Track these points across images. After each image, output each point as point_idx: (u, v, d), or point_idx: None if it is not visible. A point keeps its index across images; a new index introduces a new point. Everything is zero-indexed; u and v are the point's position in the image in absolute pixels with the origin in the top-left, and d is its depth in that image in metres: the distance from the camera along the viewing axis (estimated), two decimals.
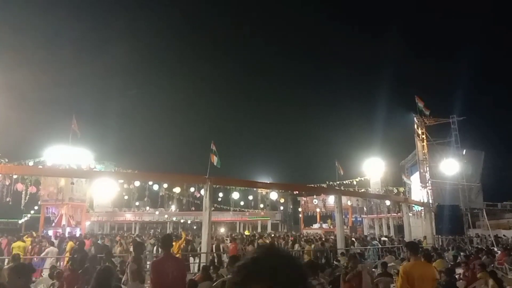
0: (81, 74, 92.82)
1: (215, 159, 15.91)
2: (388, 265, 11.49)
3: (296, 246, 19.82)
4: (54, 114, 66.44)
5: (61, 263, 14.56)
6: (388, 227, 40.98)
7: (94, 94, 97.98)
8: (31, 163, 25.71)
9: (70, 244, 16.04)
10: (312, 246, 19.13)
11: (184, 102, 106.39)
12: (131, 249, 12.96)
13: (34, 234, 23.14)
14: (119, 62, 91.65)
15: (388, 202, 38.31)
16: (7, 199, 22.00)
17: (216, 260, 15.05)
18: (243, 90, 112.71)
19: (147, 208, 52.71)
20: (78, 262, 8.67)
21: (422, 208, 29.55)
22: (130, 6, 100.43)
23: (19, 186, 22.16)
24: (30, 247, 16.60)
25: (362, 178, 41.08)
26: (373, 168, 42.66)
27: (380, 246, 21.54)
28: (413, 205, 30.53)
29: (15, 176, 19.48)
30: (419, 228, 30.01)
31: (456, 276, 10.17)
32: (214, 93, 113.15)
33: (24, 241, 16.95)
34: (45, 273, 11.79)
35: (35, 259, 15.15)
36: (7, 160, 18.93)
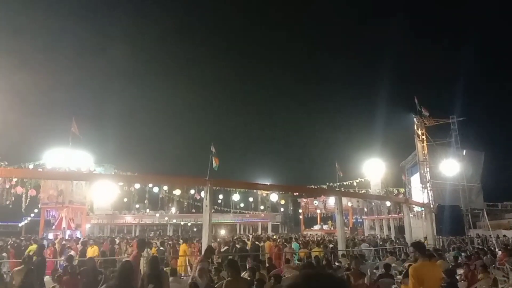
0: (80, 77, 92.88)
1: (216, 161, 15.88)
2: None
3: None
4: (54, 117, 66.44)
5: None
6: (389, 228, 40.94)
7: (94, 97, 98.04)
8: (31, 166, 25.73)
9: (94, 249, 16.01)
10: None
11: (184, 104, 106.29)
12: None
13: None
14: (118, 65, 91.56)
15: (388, 203, 38.32)
16: (7, 202, 22.03)
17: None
18: (243, 92, 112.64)
19: (147, 210, 52.64)
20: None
21: (423, 208, 29.51)
22: (129, 9, 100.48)
23: (19, 189, 22.16)
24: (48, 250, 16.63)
25: (363, 179, 41.13)
26: (373, 169, 42.68)
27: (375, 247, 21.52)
28: (413, 206, 30.48)
29: (15, 179, 19.50)
30: (420, 228, 29.96)
31: (457, 277, 10.14)
32: (214, 95, 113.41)
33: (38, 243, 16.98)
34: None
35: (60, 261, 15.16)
36: (7, 163, 18.96)
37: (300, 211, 55.85)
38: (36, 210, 39.90)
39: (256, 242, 20.38)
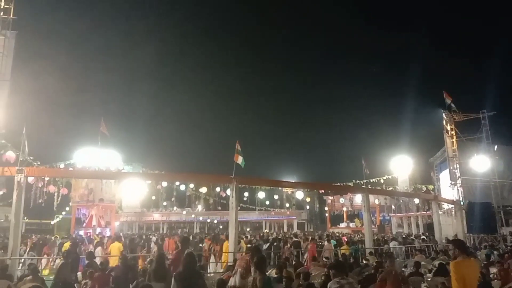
0: (109, 79, 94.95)
1: (239, 159, 15.93)
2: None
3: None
4: (83, 118, 68.24)
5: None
6: (417, 226, 40.18)
7: (122, 98, 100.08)
8: (62, 166, 26.40)
9: (117, 245, 16.39)
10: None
11: (209, 104, 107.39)
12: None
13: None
14: (146, 67, 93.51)
15: (417, 200, 37.64)
16: (40, 201, 22.71)
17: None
18: (268, 90, 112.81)
19: (175, 208, 53.36)
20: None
21: (453, 206, 28.91)
22: (156, 12, 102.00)
23: (51, 188, 22.84)
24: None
25: (390, 176, 40.48)
26: (401, 166, 41.90)
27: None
28: (443, 203, 29.87)
29: (47, 179, 20.09)
30: (450, 226, 29.37)
31: (490, 276, 9.91)
32: (239, 93, 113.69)
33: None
34: None
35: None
36: (39, 163, 19.52)
37: (326, 208, 55.50)
38: (67, 208, 40.99)
39: (296, 240, 20.56)
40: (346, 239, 23.65)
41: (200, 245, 19.71)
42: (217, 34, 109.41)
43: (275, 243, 20.26)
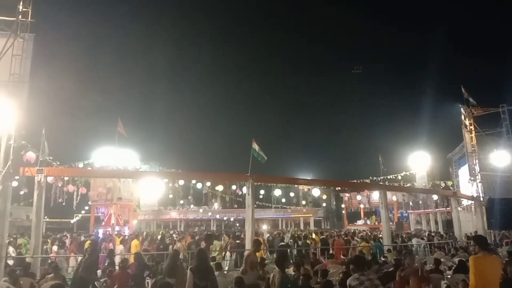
0: (126, 80, 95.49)
1: (258, 155, 15.89)
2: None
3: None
4: (101, 118, 68.72)
5: None
6: (436, 223, 39.63)
7: (139, 98, 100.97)
8: (80, 165, 26.81)
9: (134, 242, 16.61)
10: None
11: (225, 102, 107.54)
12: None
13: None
14: (161, 67, 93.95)
15: (435, 197, 37.16)
16: (60, 200, 23.16)
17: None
18: (283, 87, 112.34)
19: (191, 206, 53.73)
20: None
21: (472, 202, 28.45)
22: (172, 12, 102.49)
23: (70, 187, 23.28)
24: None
25: (408, 173, 40.03)
26: (418, 162, 41.32)
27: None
28: (462, 199, 29.42)
29: (66, 178, 20.47)
30: (469, 222, 28.91)
31: None
32: (254, 92, 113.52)
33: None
34: None
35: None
36: (58, 163, 19.85)
37: (343, 206, 55.20)
38: (86, 207, 41.70)
39: (323, 237, 20.54)
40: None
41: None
42: (234, 34, 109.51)
43: (298, 241, 19.95)
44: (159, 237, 20.62)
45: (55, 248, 17.00)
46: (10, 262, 12.24)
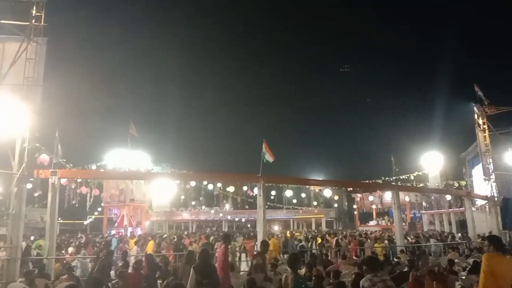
0: (137, 83, 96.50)
1: (267, 156, 15.87)
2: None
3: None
4: (113, 120, 69.48)
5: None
6: (450, 223, 39.18)
7: (150, 100, 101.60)
8: (93, 167, 27.11)
9: (150, 243, 16.75)
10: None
11: (236, 104, 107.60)
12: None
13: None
14: (173, 70, 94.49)
15: (449, 197, 36.75)
16: (73, 202, 23.44)
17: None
18: (294, 88, 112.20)
19: (203, 207, 53.91)
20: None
21: (486, 202, 28.08)
22: (184, 16, 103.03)
23: (84, 189, 23.55)
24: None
25: (420, 173, 39.68)
26: (431, 162, 40.91)
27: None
28: (476, 199, 29.06)
29: (79, 180, 20.71)
30: (483, 223, 28.53)
31: None
32: (266, 93, 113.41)
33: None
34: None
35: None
36: (72, 165, 20.09)
37: (355, 206, 54.88)
38: (99, 209, 42.09)
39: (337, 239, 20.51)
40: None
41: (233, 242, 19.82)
42: (244, 37, 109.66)
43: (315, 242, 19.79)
44: (174, 237, 20.76)
45: (70, 249, 17.18)
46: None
